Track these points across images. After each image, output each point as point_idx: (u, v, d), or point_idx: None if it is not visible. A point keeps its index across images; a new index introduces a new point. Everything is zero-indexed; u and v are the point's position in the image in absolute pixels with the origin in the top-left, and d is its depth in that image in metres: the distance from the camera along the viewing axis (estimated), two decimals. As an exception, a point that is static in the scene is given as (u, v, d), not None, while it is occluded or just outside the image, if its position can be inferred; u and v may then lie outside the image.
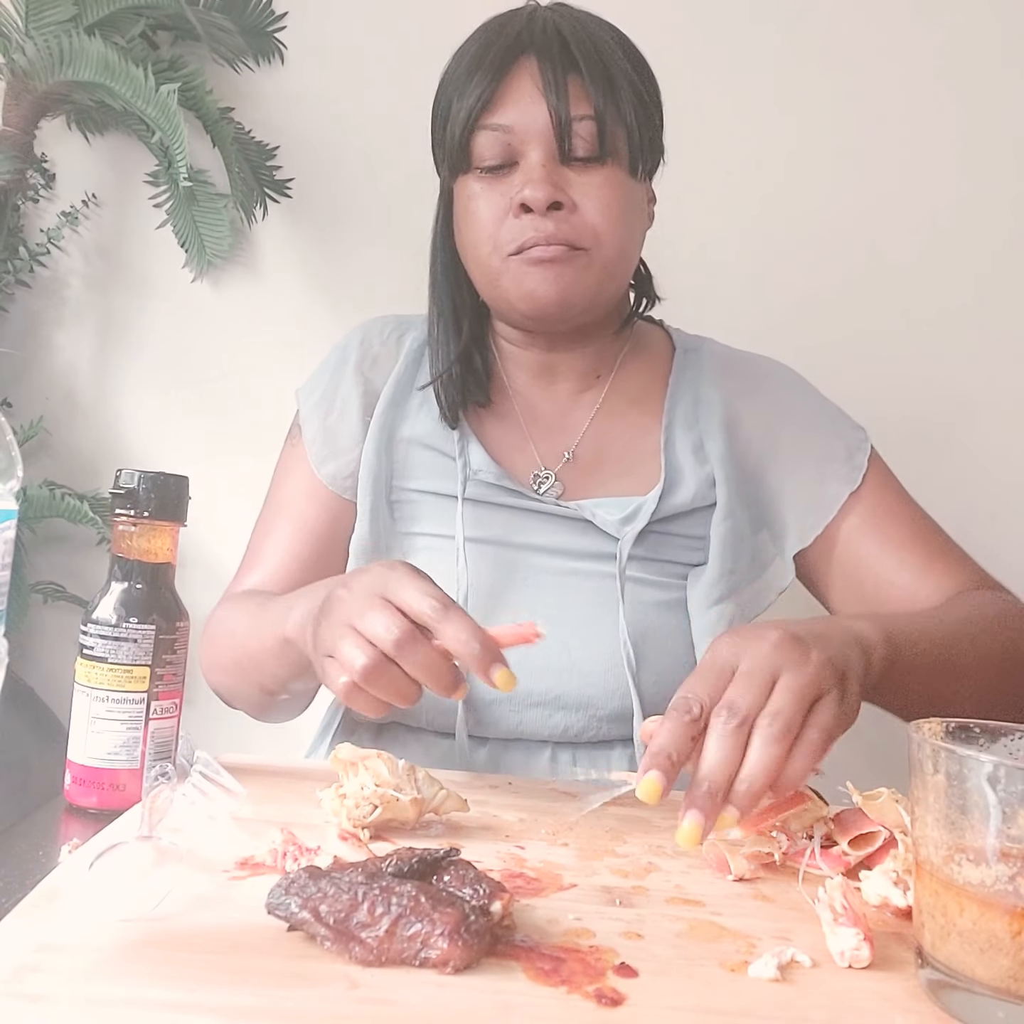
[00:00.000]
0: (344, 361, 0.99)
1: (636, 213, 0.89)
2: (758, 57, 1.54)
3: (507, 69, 0.84)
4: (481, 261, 0.87)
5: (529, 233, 0.83)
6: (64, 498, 1.45)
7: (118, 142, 1.57)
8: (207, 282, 1.57)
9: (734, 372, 0.98)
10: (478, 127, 0.85)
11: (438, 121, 0.91)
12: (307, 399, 0.99)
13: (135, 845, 0.49)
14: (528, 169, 0.84)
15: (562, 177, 0.84)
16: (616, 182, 0.86)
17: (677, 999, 0.41)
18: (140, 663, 0.63)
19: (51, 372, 1.58)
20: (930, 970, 0.43)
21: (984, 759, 0.41)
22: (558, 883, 0.53)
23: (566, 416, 0.96)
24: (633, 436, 0.95)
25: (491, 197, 0.86)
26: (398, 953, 0.41)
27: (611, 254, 0.86)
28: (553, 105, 0.83)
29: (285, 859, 0.51)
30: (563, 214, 0.83)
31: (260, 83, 1.57)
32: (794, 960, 0.45)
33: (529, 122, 0.83)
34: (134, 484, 0.65)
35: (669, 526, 0.91)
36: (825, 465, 0.94)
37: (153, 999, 0.37)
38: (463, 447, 0.93)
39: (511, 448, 0.95)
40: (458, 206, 0.89)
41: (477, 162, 0.86)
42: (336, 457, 0.96)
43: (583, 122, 0.83)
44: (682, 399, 0.96)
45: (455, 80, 0.87)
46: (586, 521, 0.90)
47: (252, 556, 0.96)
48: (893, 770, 0.67)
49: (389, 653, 0.61)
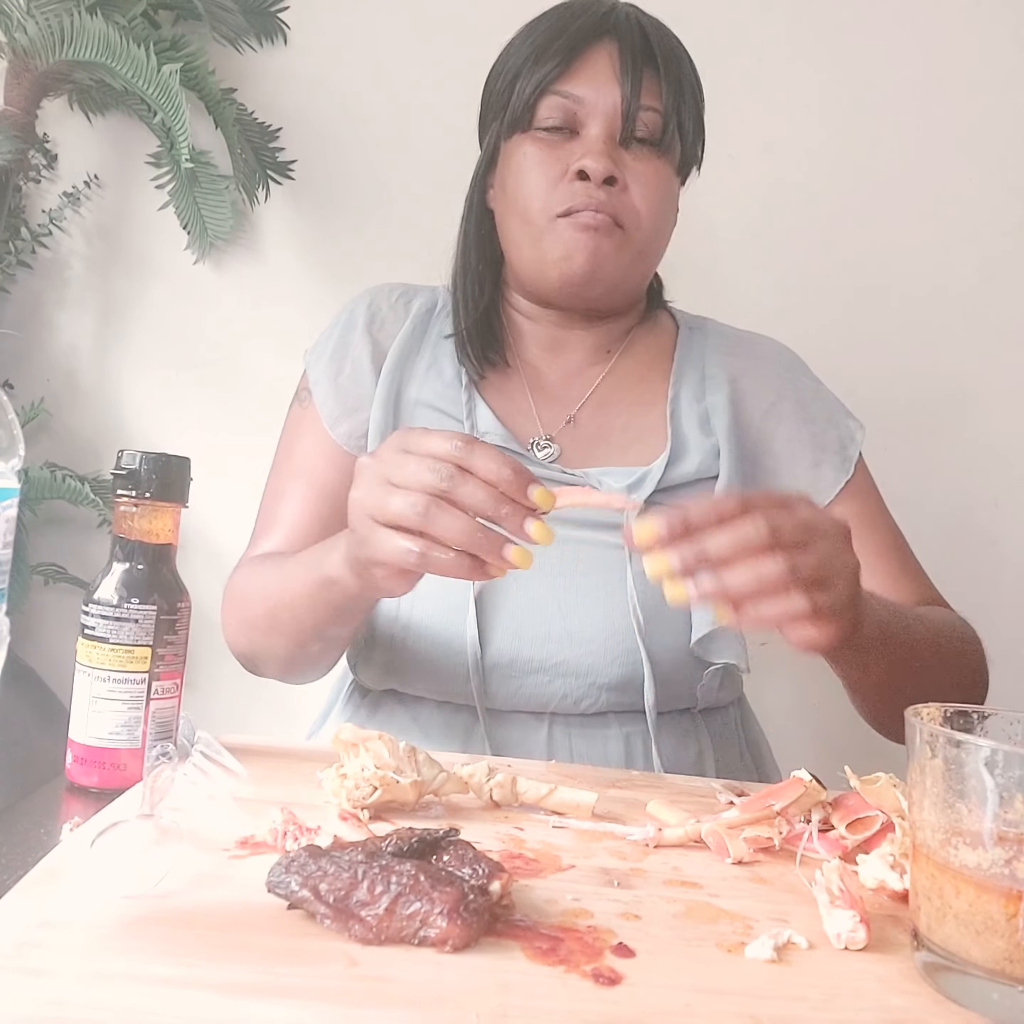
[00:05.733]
0: (352, 323, 0.99)
1: (673, 210, 0.94)
2: (767, 41, 1.53)
3: (588, 44, 0.88)
4: (529, 218, 0.89)
5: (581, 198, 0.86)
6: (65, 480, 1.45)
7: (120, 122, 1.56)
8: (209, 264, 1.57)
9: (738, 351, 1.00)
10: (549, 91, 0.88)
11: (502, 80, 0.92)
12: (316, 361, 0.99)
13: (136, 824, 0.49)
14: (589, 141, 0.87)
15: (619, 156, 0.87)
16: (665, 175, 0.90)
17: (674, 979, 0.41)
18: (141, 643, 0.64)
19: (52, 353, 1.58)
20: (926, 952, 0.44)
21: (982, 744, 0.42)
22: (557, 864, 0.53)
23: (571, 385, 0.98)
24: (638, 408, 0.97)
25: (548, 159, 0.88)
26: (397, 931, 0.42)
27: (647, 239, 0.90)
28: (626, 89, 0.87)
29: (285, 838, 0.52)
30: (615, 190, 0.86)
31: (263, 64, 1.56)
32: (791, 941, 0.45)
33: (599, 98, 0.87)
34: (136, 465, 0.65)
35: (673, 497, 0.91)
36: (819, 452, 0.96)
37: (154, 975, 0.38)
38: (471, 409, 0.94)
39: (515, 413, 0.96)
40: (510, 164, 0.91)
41: (540, 122, 0.88)
42: (350, 416, 0.96)
43: (649, 112, 0.88)
44: (688, 374, 0.98)
45: (529, 46, 0.90)
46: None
47: (267, 520, 0.96)
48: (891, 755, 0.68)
49: (440, 489, 0.61)
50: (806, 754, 0.82)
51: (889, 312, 1.54)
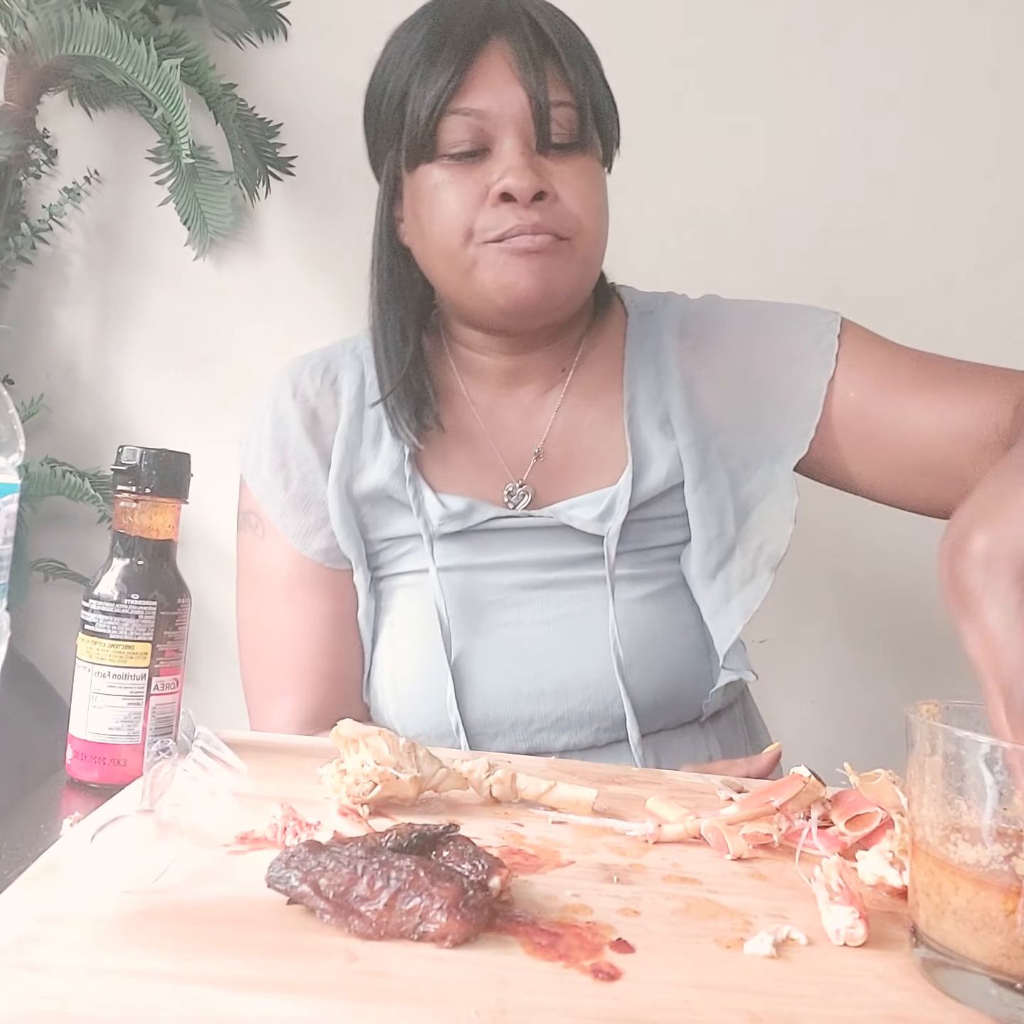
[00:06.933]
0: (281, 421, 0.91)
1: (606, 202, 0.85)
2: (764, 29, 1.53)
3: (477, 49, 0.78)
4: (452, 251, 0.80)
5: (512, 222, 0.78)
6: (65, 476, 1.45)
7: (120, 118, 1.56)
8: (209, 260, 1.57)
9: (688, 328, 0.92)
10: (447, 112, 0.78)
11: (387, 102, 0.83)
12: (254, 475, 0.91)
13: (136, 819, 0.49)
14: (504, 156, 0.78)
15: (540, 165, 0.79)
16: (592, 171, 0.83)
17: (673, 974, 0.41)
18: (141, 639, 0.64)
19: (52, 349, 1.58)
20: (924, 948, 0.44)
21: (982, 740, 0.41)
22: (556, 860, 0.53)
23: (531, 418, 0.91)
24: (601, 423, 0.90)
25: (463, 185, 0.79)
26: (397, 927, 0.42)
27: (591, 244, 0.83)
28: (531, 89, 0.77)
29: (285, 834, 0.52)
30: (545, 204, 0.79)
31: (263, 59, 1.56)
32: (789, 938, 0.45)
33: (505, 107, 0.78)
34: (136, 460, 0.65)
35: (648, 511, 0.88)
36: (797, 368, 0.88)
37: (153, 969, 0.38)
38: (415, 491, 0.88)
39: (481, 465, 0.90)
40: (420, 197, 0.82)
41: (445, 148, 0.80)
42: (320, 528, 0.89)
43: (561, 108, 0.79)
44: (642, 373, 0.91)
45: (410, 60, 0.80)
46: (564, 526, 0.87)
47: (268, 685, 0.90)
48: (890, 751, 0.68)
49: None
50: (805, 751, 0.82)
51: (890, 312, 1.54)
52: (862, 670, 1.55)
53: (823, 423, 0.87)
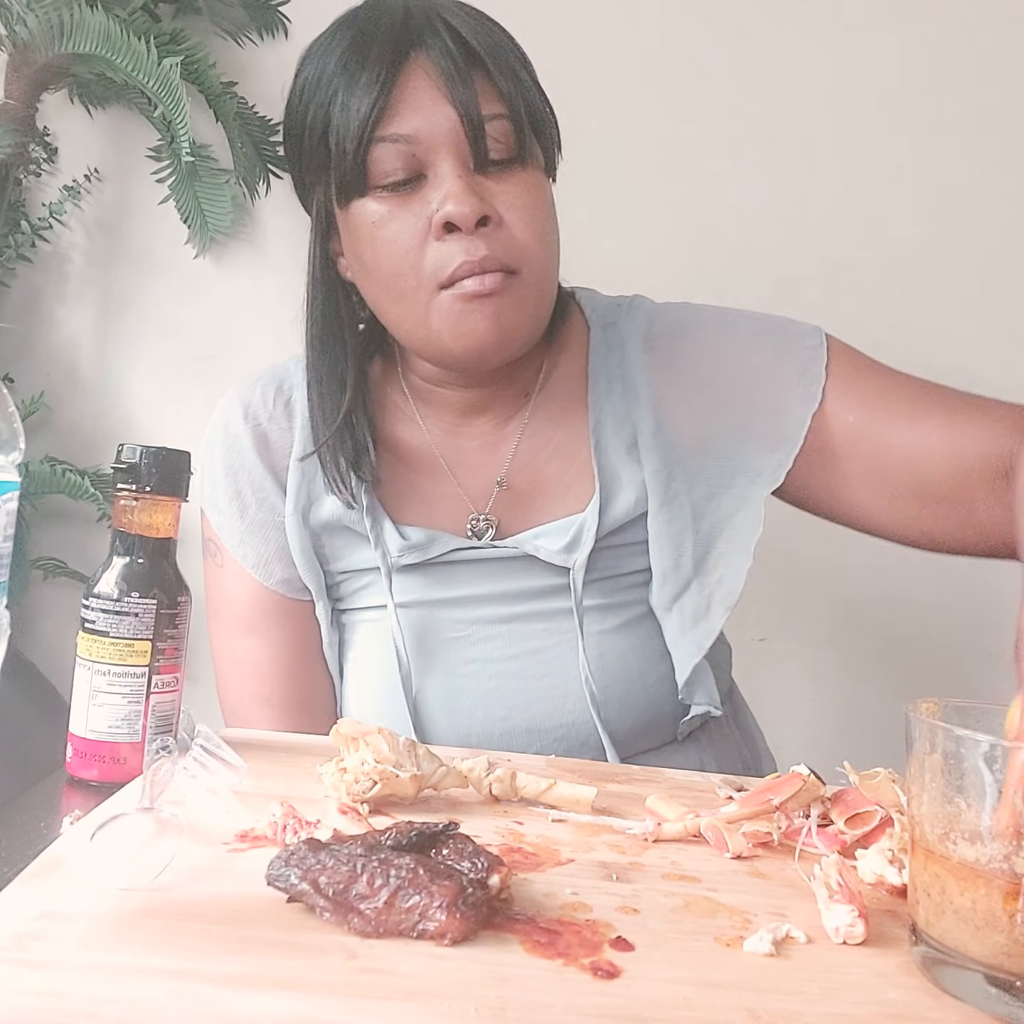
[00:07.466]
0: (233, 446, 0.88)
1: (554, 216, 0.80)
2: (764, 31, 1.53)
3: (398, 68, 0.73)
4: (404, 295, 0.76)
5: (459, 258, 0.73)
6: (65, 474, 1.45)
7: (120, 116, 1.56)
8: (210, 258, 1.57)
9: (655, 341, 0.87)
10: (375, 140, 0.73)
11: (309, 134, 0.77)
12: (210, 505, 0.88)
13: (136, 817, 0.49)
14: (441, 182, 0.73)
15: (481, 186, 0.74)
16: (536, 186, 0.77)
17: (672, 972, 0.41)
18: (141, 637, 0.64)
19: (52, 348, 1.58)
20: (924, 947, 0.44)
21: (981, 738, 0.41)
22: (556, 858, 0.53)
23: (493, 447, 0.87)
24: (567, 448, 0.86)
25: (403, 219, 0.74)
26: (396, 924, 0.42)
27: (542, 273, 0.78)
28: (462, 106, 0.72)
29: (285, 832, 0.52)
30: (490, 230, 0.74)
31: (263, 57, 1.56)
32: (789, 936, 0.45)
33: (435, 128, 0.73)
34: (136, 458, 0.65)
35: (616, 538, 0.84)
36: (775, 396, 0.83)
37: (153, 967, 0.38)
38: (373, 521, 0.85)
39: (442, 496, 0.87)
40: (359, 234, 0.77)
41: (377, 180, 0.75)
42: (280, 557, 0.86)
43: (496, 121, 0.74)
44: (607, 391, 0.86)
45: (328, 86, 0.75)
46: (530, 557, 0.83)
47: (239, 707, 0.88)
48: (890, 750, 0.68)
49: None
50: (804, 749, 0.83)
51: (890, 312, 1.54)
52: (862, 669, 1.55)
53: (819, 451, 0.82)
